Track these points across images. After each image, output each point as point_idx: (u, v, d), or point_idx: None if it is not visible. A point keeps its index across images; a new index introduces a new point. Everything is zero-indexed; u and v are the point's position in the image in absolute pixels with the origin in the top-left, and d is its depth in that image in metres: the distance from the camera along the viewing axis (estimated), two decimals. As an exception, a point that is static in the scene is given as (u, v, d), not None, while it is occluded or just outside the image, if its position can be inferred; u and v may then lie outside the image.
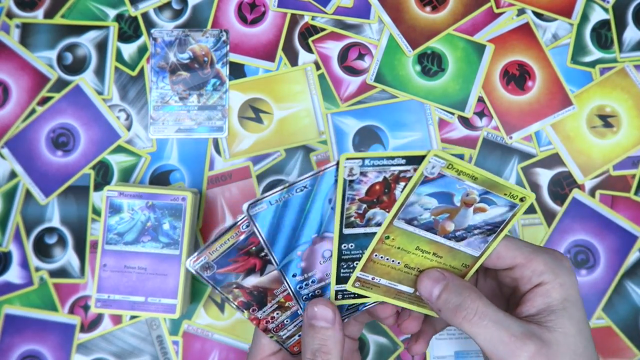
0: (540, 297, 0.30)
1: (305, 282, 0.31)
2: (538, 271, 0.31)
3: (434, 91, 0.52)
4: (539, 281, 0.31)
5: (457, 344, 0.45)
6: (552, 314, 0.30)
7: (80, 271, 0.50)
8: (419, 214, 0.30)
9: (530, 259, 0.31)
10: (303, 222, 0.29)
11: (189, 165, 0.51)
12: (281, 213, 0.29)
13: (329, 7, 0.52)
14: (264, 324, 0.31)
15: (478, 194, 0.29)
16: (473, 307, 0.30)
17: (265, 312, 0.31)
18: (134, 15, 0.52)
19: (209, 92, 0.51)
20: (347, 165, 0.28)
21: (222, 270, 0.29)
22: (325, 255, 0.30)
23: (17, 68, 0.52)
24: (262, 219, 0.29)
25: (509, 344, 0.28)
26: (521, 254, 0.31)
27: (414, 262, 0.32)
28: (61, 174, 0.51)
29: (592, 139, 0.51)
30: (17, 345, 0.49)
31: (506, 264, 0.32)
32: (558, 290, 0.30)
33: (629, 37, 0.52)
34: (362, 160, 0.28)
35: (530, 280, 0.31)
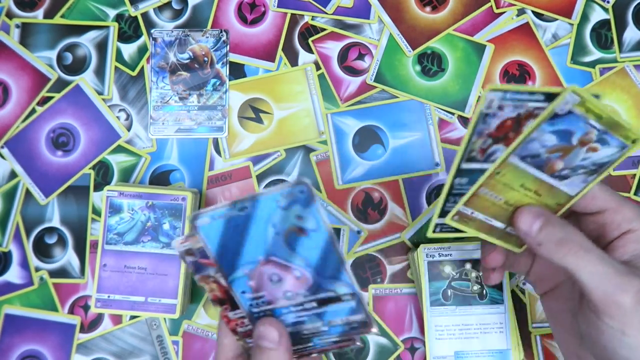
0: (633, 243, 0.30)
1: (255, 300, 0.30)
2: (628, 217, 0.31)
3: (434, 91, 0.52)
4: (629, 227, 0.31)
5: (457, 344, 0.46)
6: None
7: (80, 271, 0.50)
8: (535, 151, 0.29)
9: (622, 205, 0.31)
10: (245, 242, 0.28)
11: (189, 165, 0.51)
12: (225, 229, 0.28)
13: (329, 7, 0.52)
14: (233, 325, 0.31)
15: (596, 134, 0.29)
16: (577, 240, 0.29)
17: (236, 314, 0.30)
18: (134, 15, 0.52)
19: (209, 92, 0.51)
20: (489, 97, 0.27)
21: (203, 261, 0.28)
22: (273, 278, 0.29)
23: (17, 68, 0.52)
24: (207, 232, 0.28)
25: (615, 279, 0.28)
26: (613, 199, 0.31)
27: (514, 199, 0.31)
28: (61, 174, 0.51)
29: (592, 139, 0.51)
30: (17, 345, 0.49)
31: (597, 207, 0.32)
32: None
33: (629, 37, 0.52)
34: (504, 92, 0.27)
35: (620, 226, 0.31)
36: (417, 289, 0.48)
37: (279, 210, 0.27)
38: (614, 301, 0.28)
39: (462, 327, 0.46)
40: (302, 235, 0.28)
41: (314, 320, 0.31)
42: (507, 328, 0.46)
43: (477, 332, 0.46)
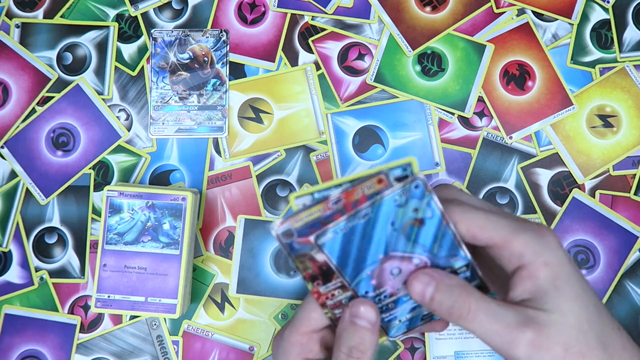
0: (527, 280, 0.29)
1: (377, 297, 0.32)
2: (517, 252, 0.29)
3: (434, 91, 0.52)
4: (520, 263, 0.29)
5: (457, 344, 0.45)
6: (545, 295, 0.28)
7: (80, 271, 0.50)
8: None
9: (508, 239, 0.29)
10: (368, 246, 0.30)
11: (189, 165, 0.51)
12: (347, 239, 0.29)
13: (329, 7, 0.52)
14: (323, 299, 0.32)
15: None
16: (465, 305, 0.29)
17: (328, 287, 0.31)
18: (134, 15, 0.52)
19: (209, 92, 0.51)
20: (298, 202, 0.29)
21: (301, 240, 0.29)
22: (393, 272, 0.31)
23: (17, 68, 0.52)
24: (330, 247, 0.29)
25: (505, 336, 0.28)
26: (497, 234, 0.29)
27: None
28: (61, 174, 0.51)
29: (592, 139, 0.51)
30: (17, 345, 0.49)
31: (483, 243, 0.30)
32: (543, 270, 0.29)
33: (629, 37, 0.52)
34: (312, 194, 0.29)
35: (510, 262, 0.29)
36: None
37: (396, 208, 0.28)
38: (509, 355, 0.28)
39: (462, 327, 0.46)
40: (419, 226, 0.29)
41: None
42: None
43: (477, 332, 0.46)
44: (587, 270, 0.50)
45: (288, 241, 0.29)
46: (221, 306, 0.50)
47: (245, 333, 0.50)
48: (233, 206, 0.51)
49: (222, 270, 0.50)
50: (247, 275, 0.50)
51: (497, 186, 0.51)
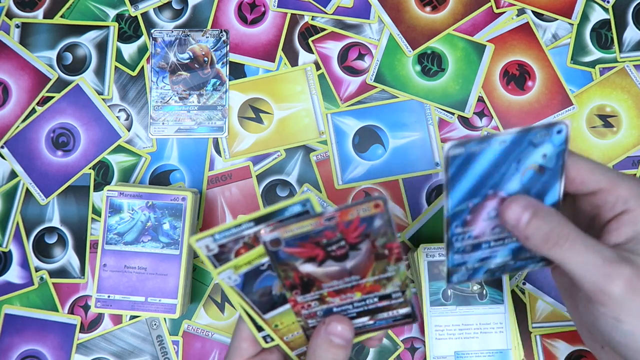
0: (627, 225, 0.29)
1: (461, 235, 0.31)
2: (623, 197, 0.29)
3: (434, 91, 0.52)
4: (624, 208, 0.29)
5: (457, 344, 0.46)
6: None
7: (80, 271, 0.50)
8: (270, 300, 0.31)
9: (615, 184, 0.29)
10: (488, 176, 0.29)
11: (189, 165, 0.51)
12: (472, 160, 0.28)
13: (329, 7, 0.52)
14: (298, 308, 0.32)
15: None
16: (564, 233, 0.28)
17: (305, 298, 0.31)
18: (134, 15, 0.52)
19: (209, 92, 0.51)
20: (201, 245, 0.29)
21: (288, 250, 0.29)
22: (490, 214, 0.30)
23: (17, 68, 0.52)
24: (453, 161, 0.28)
25: (603, 268, 0.27)
26: (605, 178, 0.30)
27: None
28: (61, 174, 0.51)
29: (592, 139, 0.51)
30: (17, 345, 0.49)
31: (590, 189, 0.30)
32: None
33: (629, 37, 0.52)
34: (212, 236, 0.29)
35: (614, 207, 0.29)
36: (417, 288, 0.48)
37: (529, 146, 0.28)
38: (603, 290, 0.28)
39: (462, 327, 0.46)
40: (540, 173, 0.29)
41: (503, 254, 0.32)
42: (507, 328, 0.46)
43: (477, 332, 0.46)
44: (587, 270, 0.50)
45: (274, 249, 0.29)
46: (221, 306, 0.50)
47: (245, 333, 0.50)
48: (233, 206, 0.51)
49: (222, 270, 0.50)
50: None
51: (497, 186, 0.51)
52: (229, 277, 0.30)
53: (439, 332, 0.46)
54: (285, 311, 0.32)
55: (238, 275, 0.30)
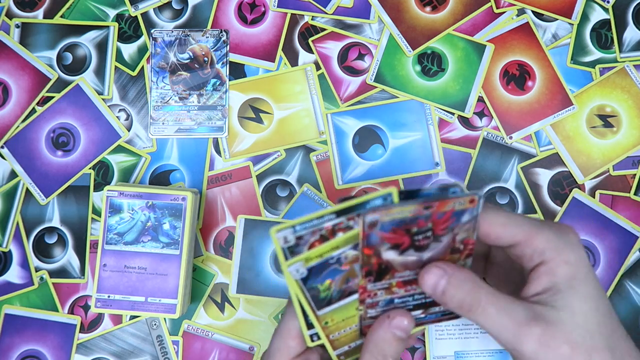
0: (544, 276, 0.29)
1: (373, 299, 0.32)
2: (539, 249, 0.30)
3: (434, 91, 0.52)
4: (541, 260, 0.30)
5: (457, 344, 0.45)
6: (559, 292, 0.29)
7: (80, 271, 0.50)
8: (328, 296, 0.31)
9: (531, 236, 0.30)
10: None
11: (189, 165, 0.51)
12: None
13: (329, 7, 0.52)
14: (365, 296, 0.32)
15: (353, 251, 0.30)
16: (475, 298, 0.29)
17: (375, 286, 0.31)
18: (134, 15, 0.52)
19: (209, 92, 0.51)
20: (279, 236, 0.29)
21: (380, 234, 0.29)
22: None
23: (17, 68, 0.52)
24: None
25: (514, 330, 0.28)
26: (521, 231, 0.30)
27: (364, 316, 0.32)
28: (61, 174, 0.51)
29: (592, 139, 0.51)
30: (17, 345, 0.49)
31: (506, 243, 0.31)
32: (562, 268, 0.29)
33: (629, 37, 0.52)
34: (293, 227, 0.29)
35: (532, 258, 0.30)
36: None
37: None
38: (517, 350, 0.29)
39: (462, 327, 0.46)
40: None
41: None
42: (507, 328, 0.46)
43: (477, 332, 0.46)
44: (587, 270, 0.50)
45: (369, 231, 0.29)
46: (221, 306, 0.50)
47: (245, 333, 0.50)
48: (233, 206, 0.51)
49: (222, 270, 0.50)
50: (247, 275, 0.50)
51: (497, 186, 0.51)
52: (297, 269, 0.29)
53: (439, 332, 0.46)
54: (338, 308, 0.32)
55: (306, 269, 0.29)
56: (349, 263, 0.30)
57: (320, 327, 0.32)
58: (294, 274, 0.29)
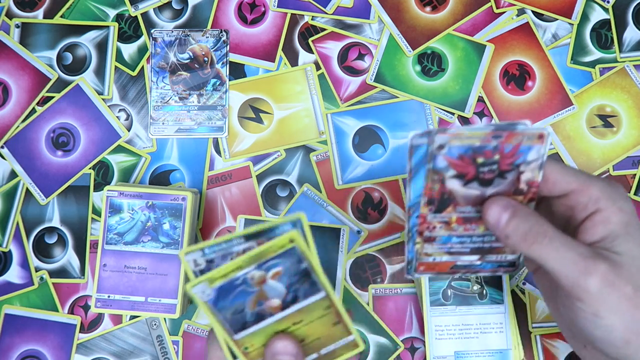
0: (600, 225, 0.30)
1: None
2: (594, 197, 0.30)
3: (434, 91, 0.52)
4: (596, 208, 0.30)
5: (457, 344, 0.46)
6: (617, 238, 0.29)
7: (80, 271, 0.50)
8: (242, 318, 0.30)
9: (586, 185, 0.30)
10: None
11: (189, 165, 0.51)
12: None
13: (329, 7, 0.52)
14: (424, 227, 0.31)
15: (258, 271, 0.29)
16: (542, 230, 0.29)
17: (435, 217, 0.31)
18: (134, 15, 0.52)
19: (209, 92, 0.51)
20: (189, 259, 0.29)
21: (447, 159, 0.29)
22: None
23: (17, 68, 0.52)
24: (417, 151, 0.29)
25: (580, 264, 0.28)
26: (576, 179, 0.31)
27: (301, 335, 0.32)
28: (61, 174, 0.51)
29: (592, 139, 0.51)
30: (17, 345, 0.49)
31: (561, 190, 0.31)
32: (618, 215, 0.30)
33: (629, 37, 0.52)
34: (202, 250, 0.29)
35: (587, 207, 0.30)
36: (417, 288, 0.48)
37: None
38: (581, 286, 0.28)
39: (462, 327, 0.46)
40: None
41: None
42: (507, 328, 0.46)
43: (477, 332, 0.46)
44: (587, 270, 0.50)
45: (437, 152, 0.28)
46: (221, 306, 0.50)
47: (245, 333, 0.50)
48: (233, 206, 0.51)
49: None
50: (247, 275, 0.50)
51: (497, 186, 0.51)
52: (202, 291, 0.29)
53: (439, 332, 0.46)
54: (256, 332, 0.31)
55: (212, 290, 0.29)
56: (257, 284, 0.29)
57: (241, 352, 0.31)
58: (200, 296, 0.29)
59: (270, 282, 0.30)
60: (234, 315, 0.30)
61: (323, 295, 0.31)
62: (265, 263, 0.29)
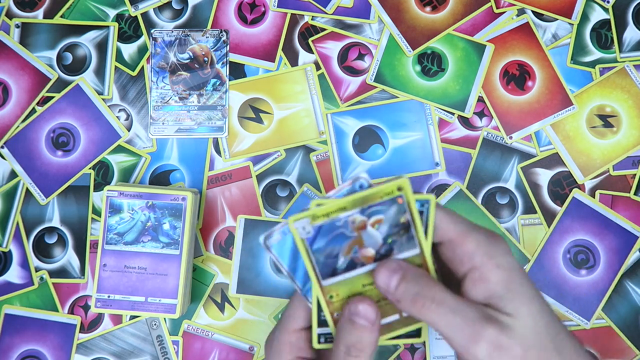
0: (480, 284, 0.29)
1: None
2: (470, 252, 0.29)
3: (434, 91, 0.52)
4: (472, 264, 0.29)
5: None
6: (500, 299, 0.29)
7: (80, 271, 0.50)
8: (334, 264, 0.30)
9: (463, 236, 0.30)
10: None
11: (189, 165, 0.51)
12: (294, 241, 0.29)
13: (329, 7, 0.52)
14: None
15: (360, 215, 0.29)
16: (430, 295, 0.29)
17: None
18: (134, 15, 0.52)
19: (209, 92, 0.51)
20: (298, 226, 0.29)
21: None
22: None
23: (17, 68, 0.52)
24: (279, 249, 0.29)
25: (467, 330, 0.28)
26: (454, 228, 0.30)
27: (375, 295, 0.32)
28: (61, 174, 0.51)
29: (592, 139, 0.51)
30: (17, 345, 0.49)
31: (440, 238, 0.31)
32: (495, 273, 0.29)
33: (629, 37, 0.52)
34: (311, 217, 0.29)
35: (462, 261, 0.30)
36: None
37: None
38: (470, 352, 0.28)
39: (462, 327, 0.46)
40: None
41: None
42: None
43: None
44: (587, 270, 0.50)
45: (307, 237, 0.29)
46: (221, 306, 0.50)
47: (245, 333, 0.50)
48: (233, 206, 0.51)
49: (222, 270, 0.50)
50: (247, 275, 0.50)
51: (497, 186, 0.51)
52: (303, 227, 0.28)
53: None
54: (344, 281, 0.31)
55: (312, 228, 0.29)
56: (357, 229, 0.29)
57: (325, 300, 0.31)
58: (300, 232, 0.29)
59: (370, 229, 0.29)
60: (327, 259, 0.30)
61: (417, 252, 0.31)
62: (369, 208, 0.29)
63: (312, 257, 0.30)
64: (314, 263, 0.30)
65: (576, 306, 0.50)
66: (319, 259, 0.30)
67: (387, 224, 0.29)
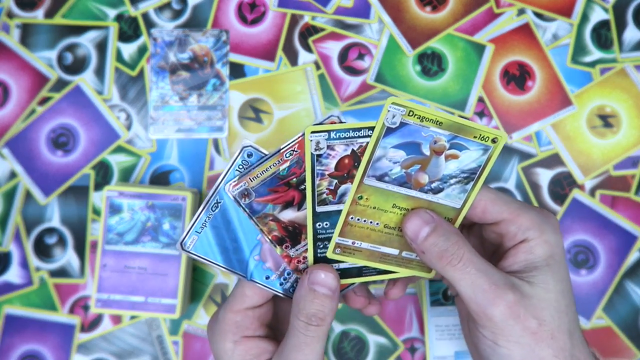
0: (523, 253, 0.30)
1: (282, 277, 0.31)
2: (524, 227, 0.30)
3: (434, 91, 0.52)
4: (524, 237, 0.30)
5: (457, 344, 0.46)
6: (535, 269, 0.29)
7: (80, 271, 0.50)
8: (388, 168, 0.29)
9: (517, 215, 0.30)
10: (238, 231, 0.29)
11: (189, 165, 0.51)
12: (215, 234, 0.28)
13: (329, 7, 0.52)
14: (295, 264, 0.31)
15: (447, 140, 0.28)
16: (459, 253, 0.29)
17: (298, 250, 0.30)
18: (134, 15, 0.52)
19: (209, 92, 0.51)
20: (313, 139, 0.28)
21: (261, 200, 0.28)
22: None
23: (17, 68, 0.52)
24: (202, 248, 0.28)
25: (488, 292, 0.28)
26: (508, 209, 0.31)
27: (393, 222, 0.31)
28: (61, 174, 0.51)
29: (592, 139, 0.51)
30: (17, 345, 0.49)
31: (492, 219, 0.31)
32: (542, 247, 0.30)
33: (629, 37, 0.52)
34: (328, 132, 0.28)
35: (515, 236, 0.30)
36: (417, 289, 0.48)
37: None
38: (486, 313, 0.28)
39: (462, 327, 0.46)
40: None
41: None
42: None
43: (477, 332, 0.46)
44: (587, 270, 0.50)
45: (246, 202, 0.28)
46: (221, 306, 0.50)
47: (245, 333, 0.50)
48: (233, 206, 0.51)
49: (222, 271, 0.50)
50: (247, 275, 0.50)
51: (497, 186, 0.51)
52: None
53: (439, 332, 0.46)
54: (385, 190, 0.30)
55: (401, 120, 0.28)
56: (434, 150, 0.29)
57: (353, 195, 0.30)
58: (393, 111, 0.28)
59: (441, 159, 0.29)
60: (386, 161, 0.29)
61: (458, 206, 0.30)
62: (455, 139, 0.28)
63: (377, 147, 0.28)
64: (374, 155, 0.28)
65: (576, 306, 0.50)
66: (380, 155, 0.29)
67: (458, 165, 0.29)
